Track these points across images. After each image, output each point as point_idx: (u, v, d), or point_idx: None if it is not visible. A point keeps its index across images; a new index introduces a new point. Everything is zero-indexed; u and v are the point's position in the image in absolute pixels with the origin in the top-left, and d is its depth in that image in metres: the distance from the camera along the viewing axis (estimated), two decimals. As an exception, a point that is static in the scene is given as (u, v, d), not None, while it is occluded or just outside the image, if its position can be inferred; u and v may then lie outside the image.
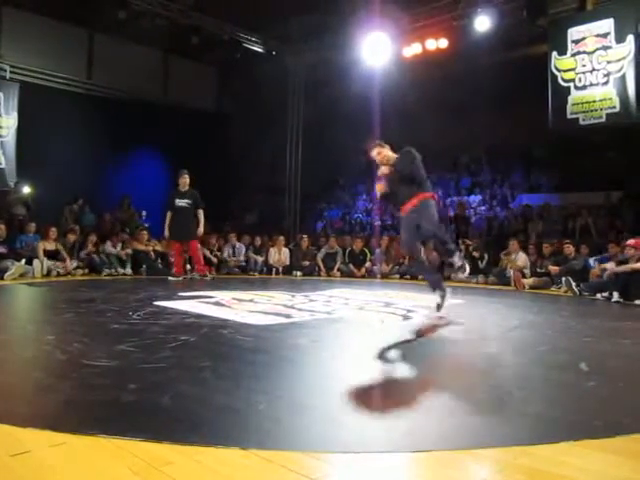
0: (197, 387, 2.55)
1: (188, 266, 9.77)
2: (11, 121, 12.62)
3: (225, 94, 17.33)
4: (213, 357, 3.20)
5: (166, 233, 9.30)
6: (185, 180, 9.26)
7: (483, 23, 10.95)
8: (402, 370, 3.21)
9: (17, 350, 3.57)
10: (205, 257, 11.08)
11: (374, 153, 5.33)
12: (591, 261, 8.60)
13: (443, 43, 11.94)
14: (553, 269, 8.92)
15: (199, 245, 9.56)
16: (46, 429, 1.92)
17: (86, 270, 9.76)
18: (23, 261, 8.86)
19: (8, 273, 8.29)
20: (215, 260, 11.10)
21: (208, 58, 15.75)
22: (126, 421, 2.06)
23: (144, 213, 13.06)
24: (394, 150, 5.39)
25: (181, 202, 9.10)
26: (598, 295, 7.60)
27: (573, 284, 8.03)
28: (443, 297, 5.09)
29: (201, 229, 9.22)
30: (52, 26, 13.25)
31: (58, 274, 9.19)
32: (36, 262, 8.98)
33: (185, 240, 9.20)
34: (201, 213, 9.17)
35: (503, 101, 13.11)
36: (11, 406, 2.29)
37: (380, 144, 5.40)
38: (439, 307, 5.09)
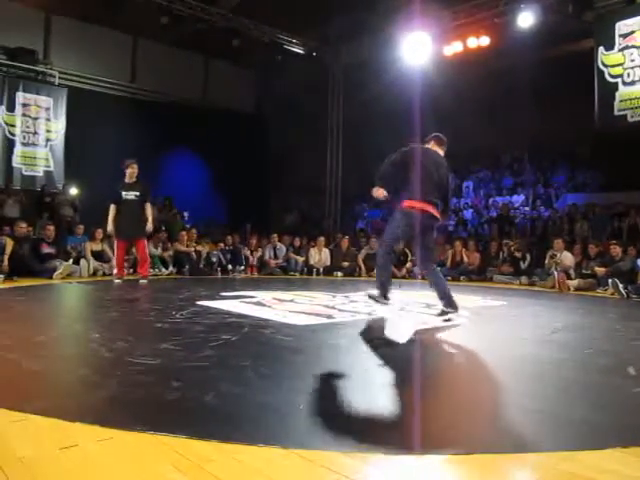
0: (238, 386, 2.58)
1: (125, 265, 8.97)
2: (59, 125, 13.05)
3: (265, 95, 17.47)
4: (254, 356, 3.23)
5: (109, 228, 8.30)
6: (133, 171, 8.30)
7: (526, 19, 10.75)
8: (443, 371, 3.18)
9: (65, 347, 3.68)
10: (245, 258, 11.22)
11: None
12: (639, 262, 8.34)
13: (485, 41, 11.78)
14: (599, 270, 8.68)
15: (147, 244, 8.61)
16: (93, 424, 1.98)
17: (130, 270, 9.97)
18: (71, 261, 9.12)
19: (57, 272, 8.54)
20: (252, 260, 11.22)
21: (248, 60, 15.92)
22: (170, 418, 2.10)
23: (186, 214, 13.25)
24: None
25: (128, 195, 8.18)
26: (647, 297, 7.38)
27: (620, 286, 7.80)
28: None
29: (150, 225, 8.34)
30: (98, 32, 13.62)
31: (104, 274, 9.43)
32: (83, 262, 9.23)
33: (134, 238, 8.36)
34: (148, 207, 8.32)
35: (547, 99, 12.85)
36: (60, 401, 2.36)
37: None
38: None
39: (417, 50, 12.23)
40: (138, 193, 8.21)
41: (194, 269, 10.23)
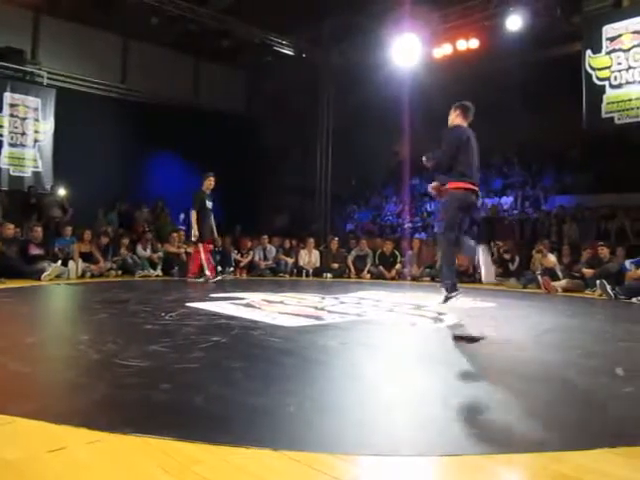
0: (228, 388, 2.57)
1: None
2: (48, 126, 12.96)
3: (255, 96, 17.46)
4: (244, 358, 3.22)
5: (197, 233, 8.98)
6: (211, 183, 9.30)
7: (515, 22, 10.82)
8: (432, 373, 3.18)
9: (53, 349, 3.65)
10: (236, 261, 11.21)
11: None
12: (627, 264, 8.39)
13: (474, 43, 11.83)
14: (587, 272, 8.75)
15: None
16: (81, 427, 1.96)
17: (119, 272, 9.94)
18: (59, 262, 9.06)
19: (45, 274, 8.48)
20: (243, 262, 11.20)
21: (238, 61, 15.90)
22: (158, 420, 2.09)
23: (182, 216, 13.17)
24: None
25: (209, 203, 9.22)
26: (634, 299, 7.42)
27: (608, 287, 7.85)
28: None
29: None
30: (87, 33, 13.56)
31: (92, 275, 9.38)
32: (71, 263, 9.18)
33: (209, 240, 9.29)
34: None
35: (535, 101, 12.94)
36: (48, 403, 2.34)
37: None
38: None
39: (407, 52, 12.27)
40: (212, 203, 9.33)
41: (183, 271, 10.19)
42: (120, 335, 3.88)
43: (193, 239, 9.12)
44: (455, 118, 5.13)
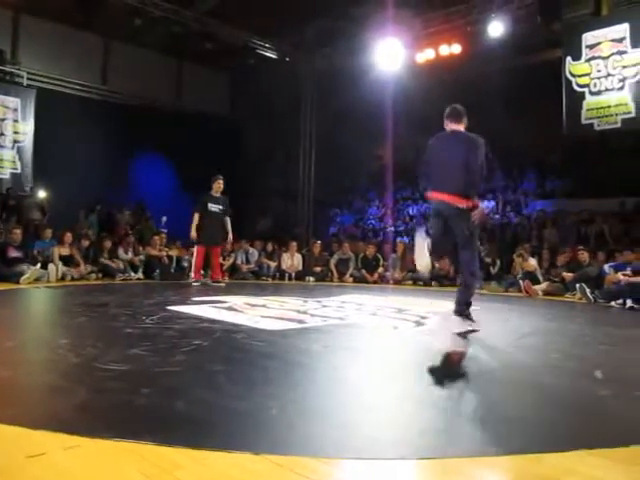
0: (210, 391, 2.56)
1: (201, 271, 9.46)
2: (28, 127, 12.80)
3: (238, 99, 17.43)
4: (226, 362, 3.21)
5: (193, 234, 8.86)
6: (219, 186, 9.13)
7: (497, 28, 10.92)
8: (414, 376, 3.19)
9: (32, 353, 3.60)
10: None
11: None
12: (606, 268, 8.50)
13: (456, 49, 11.91)
14: (567, 276, 8.84)
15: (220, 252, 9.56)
16: (60, 432, 1.94)
17: (100, 275, 9.83)
18: (38, 265, 8.94)
19: (24, 277, 8.36)
20: (224, 264, 11.15)
21: (221, 64, 15.87)
22: (139, 425, 2.07)
23: (164, 219, 13.07)
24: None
25: (214, 207, 8.98)
26: (613, 302, 7.51)
27: (587, 291, 7.95)
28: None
29: (230, 237, 9.28)
30: (68, 34, 13.44)
31: (73, 278, 9.27)
32: (51, 266, 9.05)
33: (214, 245, 9.09)
34: (228, 220, 9.16)
35: (517, 107, 13.06)
36: (26, 408, 2.31)
37: None
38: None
39: (390, 57, 12.32)
40: (221, 207, 9.08)
41: (165, 274, 10.12)
42: (100, 339, 3.84)
43: (192, 239, 9.04)
44: (447, 125, 4.89)
